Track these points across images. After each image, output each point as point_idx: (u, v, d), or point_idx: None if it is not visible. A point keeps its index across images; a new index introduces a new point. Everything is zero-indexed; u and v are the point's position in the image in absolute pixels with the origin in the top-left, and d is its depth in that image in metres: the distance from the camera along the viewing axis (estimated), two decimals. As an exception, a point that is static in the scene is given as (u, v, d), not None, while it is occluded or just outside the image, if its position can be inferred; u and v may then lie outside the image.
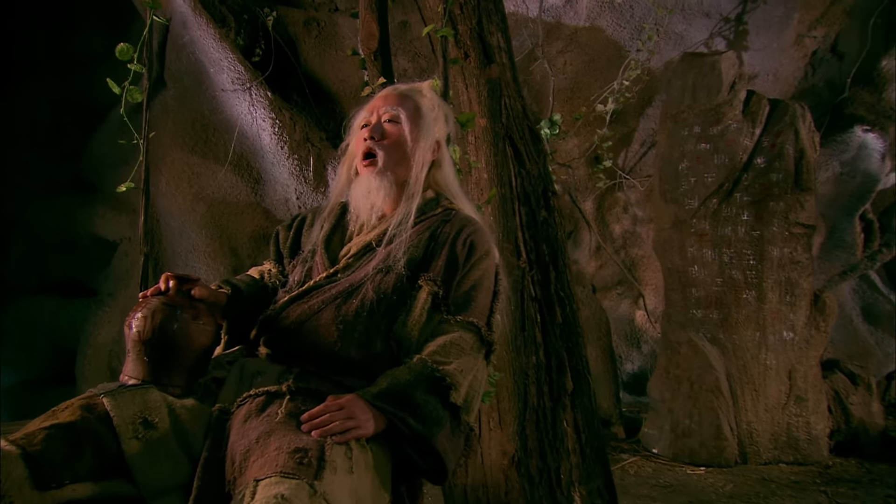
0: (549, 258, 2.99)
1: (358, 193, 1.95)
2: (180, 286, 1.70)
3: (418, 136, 1.98)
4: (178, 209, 4.37)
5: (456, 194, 2.09)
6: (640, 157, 5.32)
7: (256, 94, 4.32)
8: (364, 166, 1.95)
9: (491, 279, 1.90)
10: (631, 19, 4.87)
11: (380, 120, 1.99)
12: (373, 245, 1.88)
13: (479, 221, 1.97)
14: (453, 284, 1.79)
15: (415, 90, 2.11)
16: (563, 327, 2.93)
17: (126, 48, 2.58)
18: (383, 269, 1.79)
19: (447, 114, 2.13)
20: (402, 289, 1.75)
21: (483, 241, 1.90)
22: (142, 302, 1.65)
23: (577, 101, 5.19)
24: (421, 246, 1.85)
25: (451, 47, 2.94)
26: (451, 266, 1.81)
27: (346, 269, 1.86)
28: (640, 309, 5.35)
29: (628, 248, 5.42)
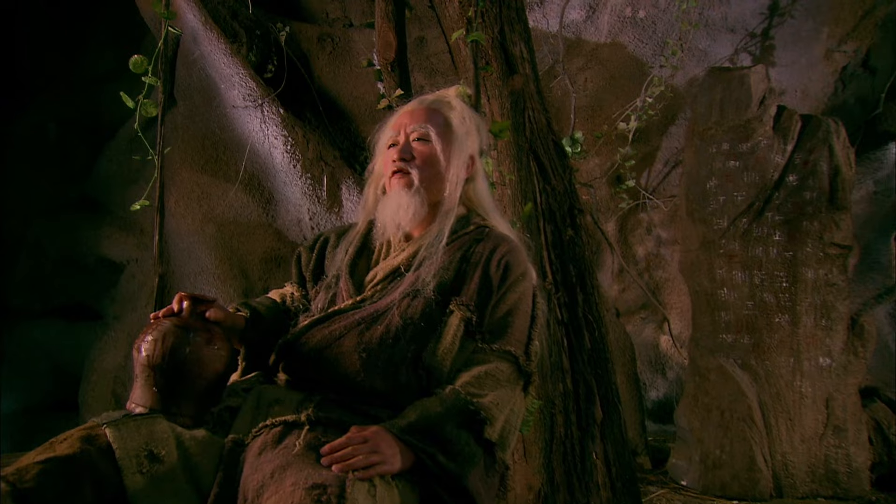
0: (577, 279, 2.88)
1: (386, 210, 1.85)
2: (194, 308, 1.61)
3: (451, 154, 1.88)
4: (187, 230, 4.29)
5: (489, 210, 1.98)
6: (664, 177, 5.22)
7: (268, 110, 4.25)
8: (395, 179, 1.84)
9: (528, 303, 1.79)
10: (653, 35, 4.80)
11: (408, 139, 1.89)
12: (401, 270, 1.79)
13: (514, 240, 1.87)
14: (488, 309, 1.70)
15: (442, 102, 2.01)
16: (591, 353, 2.82)
17: (140, 60, 2.52)
18: (411, 293, 1.70)
19: (479, 125, 2.04)
20: (432, 314, 1.66)
21: (519, 261, 1.80)
22: (152, 323, 1.56)
23: (597, 120, 5.12)
24: (452, 268, 1.75)
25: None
26: (485, 289, 1.72)
27: (372, 297, 1.76)
28: (664, 334, 5.22)
29: (652, 271, 5.31)
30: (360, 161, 4.50)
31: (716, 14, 4.66)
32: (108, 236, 4.59)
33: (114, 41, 4.99)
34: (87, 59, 5.17)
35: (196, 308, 1.61)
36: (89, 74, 5.08)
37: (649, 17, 4.73)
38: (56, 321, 4.78)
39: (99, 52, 5.05)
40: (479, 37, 2.51)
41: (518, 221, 2.64)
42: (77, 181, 4.97)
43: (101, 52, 5.01)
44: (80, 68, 5.16)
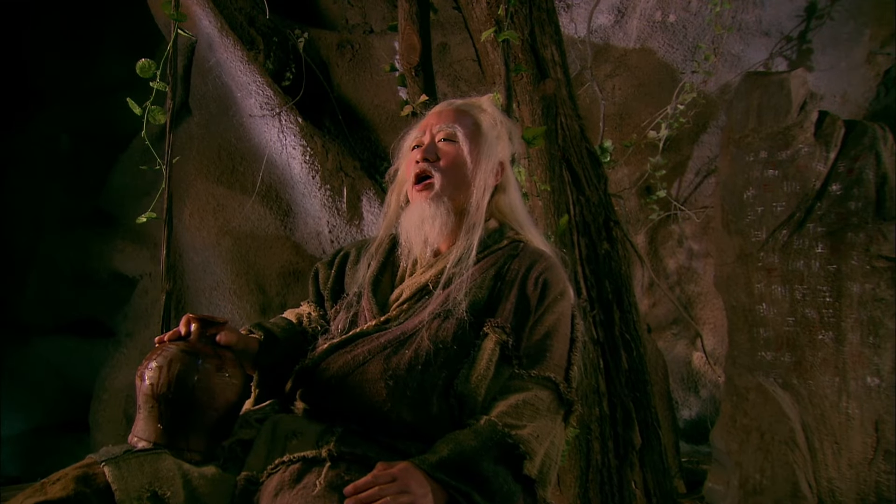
0: (613, 296, 2.75)
1: (409, 223, 1.74)
2: (203, 330, 1.49)
3: (479, 157, 1.75)
4: (202, 243, 4.20)
5: (523, 223, 1.85)
6: (696, 187, 5.08)
7: (286, 120, 4.17)
8: (417, 191, 1.72)
9: (567, 324, 1.67)
10: (684, 40, 4.67)
11: (434, 139, 1.77)
12: (429, 287, 1.67)
13: (551, 255, 1.74)
14: (525, 332, 1.58)
15: (473, 105, 1.88)
16: (629, 374, 2.68)
17: (147, 64, 2.42)
18: (441, 314, 1.58)
19: (511, 130, 1.91)
20: (465, 337, 1.54)
21: (558, 278, 1.68)
22: (157, 348, 1.44)
23: (626, 128, 5.00)
24: (485, 286, 1.64)
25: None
26: (522, 310, 1.60)
27: (398, 318, 1.64)
28: (697, 350, 5.06)
29: (684, 285, 5.15)
30: (381, 172, 4.41)
31: (749, 17, 4.52)
32: (120, 250, 4.51)
33: (128, 50, 4.91)
34: (101, 68, 5.11)
35: (205, 331, 1.50)
36: (103, 84, 5.01)
37: (680, 21, 4.59)
38: (67, 338, 4.70)
39: (112, 61, 4.99)
40: (511, 35, 2.38)
41: (552, 235, 2.49)
42: (90, 194, 4.90)
43: (114, 62, 4.94)
44: (93, 78, 5.10)
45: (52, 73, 5.27)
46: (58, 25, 5.27)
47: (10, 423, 4.57)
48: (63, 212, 4.97)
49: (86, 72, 5.15)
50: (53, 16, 5.25)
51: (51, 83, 5.27)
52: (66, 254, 4.70)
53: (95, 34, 5.24)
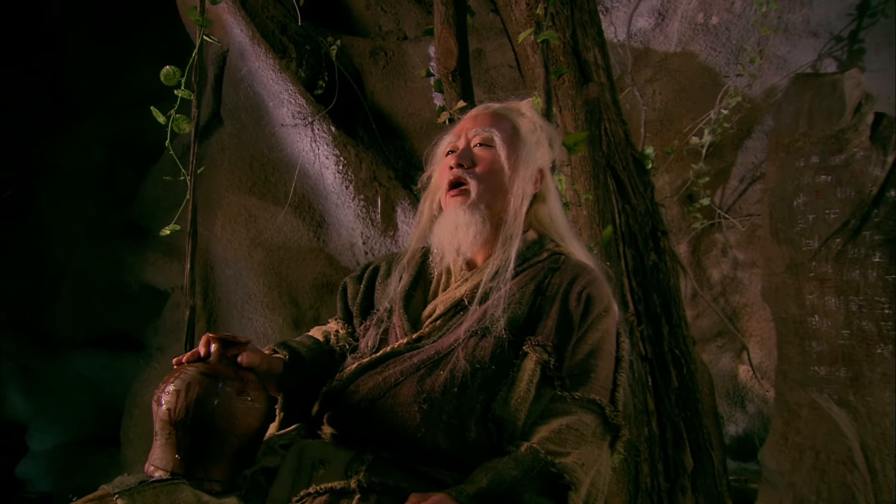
0: (661, 309, 2.61)
1: (442, 230, 1.64)
2: (224, 351, 1.40)
3: (517, 163, 1.65)
4: (234, 255, 4.14)
5: (564, 235, 1.74)
6: (740, 195, 4.91)
7: (319, 129, 4.10)
8: (451, 196, 1.62)
9: (612, 342, 1.56)
10: (727, 42, 4.53)
11: (469, 144, 1.68)
12: (464, 303, 1.58)
13: (594, 269, 1.63)
14: (567, 351, 1.47)
15: (511, 108, 1.77)
16: (678, 392, 2.54)
17: (172, 72, 2.34)
18: (478, 331, 1.48)
19: (551, 136, 1.79)
20: (503, 356, 1.44)
21: (602, 293, 1.57)
22: (175, 370, 1.35)
23: (667, 134, 4.85)
24: (525, 302, 1.53)
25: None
26: (564, 327, 1.49)
27: (431, 335, 1.55)
28: (743, 364, 4.88)
29: (728, 296, 4.98)
30: (416, 181, 4.24)
31: (796, 17, 4.36)
32: (151, 263, 4.47)
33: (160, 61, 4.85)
34: (133, 79, 5.10)
35: (226, 352, 1.41)
36: (135, 95, 4.99)
37: (723, 22, 4.45)
38: (99, 352, 4.67)
39: (145, 72, 4.95)
40: (550, 35, 2.25)
41: (595, 246, 2.36)
42: (122, 206, 4.87)
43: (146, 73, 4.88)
44: (125, 89, 5.10)
45: (85, 85, 5.27)
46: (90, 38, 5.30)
47: (42, 438, 4.58)
48: (95, 224, 4.96)
49: (118, 84, 5.17)
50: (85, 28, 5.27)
51: (83, 95, 5.27)
52: (97, 266, 4.67)
53: (128, 46, 5.25)
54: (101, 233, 4.87)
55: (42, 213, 5.05)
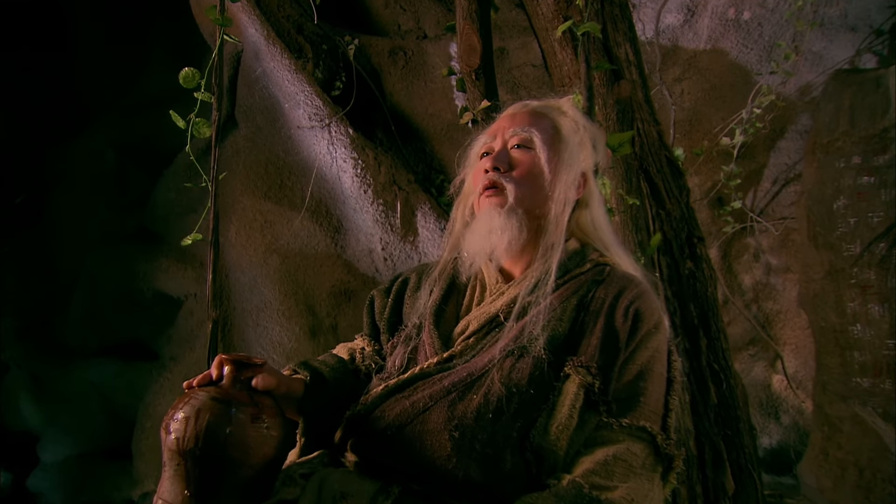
0: (699, 321, 2.47)
1: (474, 234, 1.54)
2: (238, 374, 1.31)
3: (558, 167, 1.54)
4: (249, 262, 4.04)
5: (608, 243, 1.62)
6: (773, 197, 4.77)
7: (336, 131, 4.00)
8: (486, 196, 1.51)
9: (663, 362, 1.44)
10: (759, 38, 4.39)
11: (506, 145, 1.57)
12: (499, 318, 1.47)
13: (643, 281, 1.51)
14: (614, 372, 1.35)
15: (551, 107, 1.65)
16: (718, 409, 2.40)
17: (191, 73, 2.24)
18: (515, 351, 1.37)
19: (595, 136, 1.66)
20: (542, 379, 1.33)
21: (651, 308, 1.44)
22: (184, 396, 1.26)
23: (696, 135, 4.72)
24: (566, 318, 1.42)
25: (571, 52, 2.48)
26: (610, 346, 1.37)
27: (463, 354, 1.44)
28: (777, 373, 4.73)
29: (761, 302, 4.83)
30: (437, 185, 4.22)
31: (833, 12, 4.21)
32: (164, 269, 4.37)
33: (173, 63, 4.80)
34: (145, 82, 5.04)
35: (240, 374, 1.32)
36: (147, 98, 4.92)
37: (755, 18, 4.31)
38: (111, 361, 4.58)
39: (157, 74, 4.90)
40: (592, 27, 2.12)
41: (641, 255, 2.23)
42: (135, 210, 4.80)
43: (159, 75, 4.85)
44: (137, 92, 5.04)
45: (97, 87, 5.21)
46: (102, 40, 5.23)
47: (53, 449, 4.50)
48: (107, 229, 4.88)
49: (130, 86, 5.12)
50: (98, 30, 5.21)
51: (95, 98, 5.21)
52: (110, 273, 4.59)
53: (140, 48, 5.18)
54: (113, 238, 4.80)
55: (53, 218, 4.98)
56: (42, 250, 4.92)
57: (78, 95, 5.20)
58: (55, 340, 4.72)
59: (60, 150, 5.05)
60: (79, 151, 5.02)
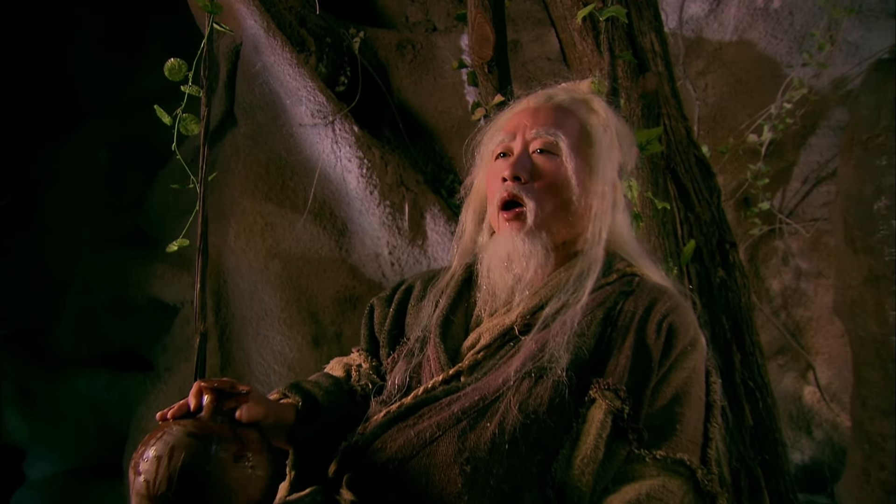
0: (732, 334, 2.31)
1: (494, 259, 1.40)
2: (219, 404, 1.18)
3: (589, 177, 1.41)
4: (249, 267, 3.93)
5: (635, 252, 1.48)
6: (803, 197, 4.61)
7: (341, 129, 3.91)
8: (506, 219, 1.37)
9: (701, 383, 1.28)
10: (790, 28, 4.24)
11: (527, 148, 1.42)
12: (514, 332, 1.32)
13: (675, 293, 1.36)
14: (645, 396, 1.20)
15: (577, 100, 1.48)
16: (754, 432, 2.23)
17: (177, 65, 2.10)
18: (533, 371, 1.22)
19: (623, 134, 1.50)
20: (564, 405, 1.18)
21: (686, 322, 1.29)
22: (157, 430, 1.14)
23: (721, 132, 4.58)
24: (591, 333, 1.26)
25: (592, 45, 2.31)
26: (641, 365, 1.23)
27: (473, 371, 1.30)
28: (809, 384, 4.57)
29: (790, 309, 4.66)
30: (447, 185, 4.13)
31: (872, -2, 4.06)
32: (159, 275, 4.26)
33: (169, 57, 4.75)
34: (140, 77, 4.95)
35: (222, 405, 1.19)
36: (142, 94, 4.82)
37: (786, 6, 4.18)
38: (103, 371, 4.46)
39: (153, 69, 4.76)
40: (617, 11, 1.95)
41: (673, 266, 2.06)
42: (129, 212, 4.69)
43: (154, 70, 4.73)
44: (132, 88, 4.95)
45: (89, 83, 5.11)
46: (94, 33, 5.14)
47: (40, 465, 4.39)
48: (101, 232, 4.79)
49: (125, 82, 5.04)
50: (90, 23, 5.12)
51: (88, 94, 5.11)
52: (103, 278, 4.48)
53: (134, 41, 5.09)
54: (106, 242, 4.69)
55: (43, 220, 4.88)
56: (31, 254, 4.82)
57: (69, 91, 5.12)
58: (44, 349, 4.62)
59: (50, 149, 4.96)
60: (70, 150, 4.93)
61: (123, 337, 4.52)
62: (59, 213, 4.85)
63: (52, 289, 4.71)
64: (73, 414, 4.46)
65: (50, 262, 4.80)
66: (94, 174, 4.91)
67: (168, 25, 4.88)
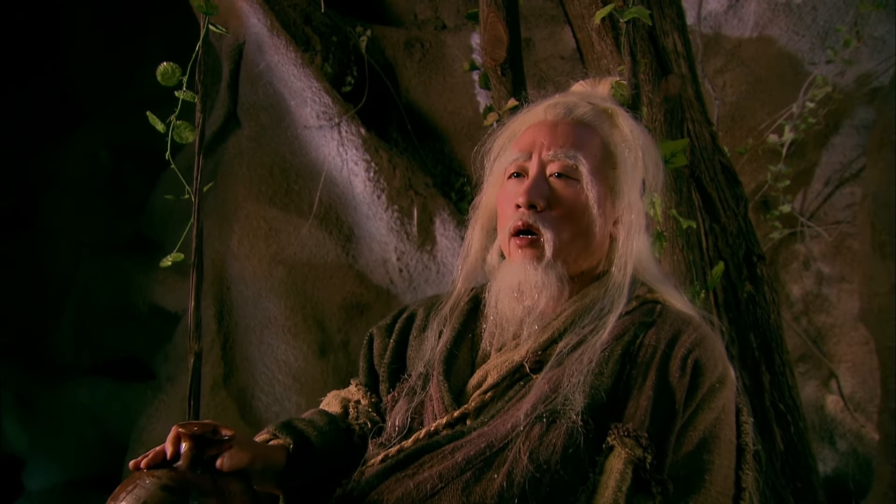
0: (760, 353, 2.19)
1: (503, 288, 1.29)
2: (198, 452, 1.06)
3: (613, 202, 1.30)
4: (253, 273, 3.88)
5: (656, 276, 1.35)
6: (825, 200, 4.51)
7: (347, 131, 3.86)
8: (518, 246, 1.25)
9: (731, 425, 1.17)
10: (813, 24, 4.15)
11: (543, 170, 1.28)
12: (524, 369, 1.21)
13: (701, 323, 1.24)
14: (670, 442, 1.09)
15: (599, 113, 1.35)
16: (785, 458, 2.12)
17: (170, 69, 2.01)
18: (545, 415, 1.12)
19: (647, 149, 1.37)
20: (580, 453, 1.08)
21: (714, 356, 1.18)
22: (129, 481, 1.04)
23: (739, 132, 4.50)
24: (608, 372, 1.15)
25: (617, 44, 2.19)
26: (664, 408, 1.12)
27: (480, 413, 1.19)
28: (832, 393, 4.46)
29: (812, 315, 4.55)
30: (457, 189, 4.06)
31: (901, -9, 3.96)
32: (161, 282, 4.21)
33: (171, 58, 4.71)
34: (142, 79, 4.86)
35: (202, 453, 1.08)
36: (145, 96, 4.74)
37: (809, 1, 4.09)
38: (104, 380, 4.42)
39: (155, 71, 4.76)
40: (639, 12, 1.83)
41: (700, 289, 1.93)
42: (131, 216, 4.66)
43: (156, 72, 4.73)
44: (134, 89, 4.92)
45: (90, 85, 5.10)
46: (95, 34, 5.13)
47: (40, 476, 4.36)
48: (102, 237, 4.77)
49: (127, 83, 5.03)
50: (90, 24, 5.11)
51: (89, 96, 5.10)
52: (104, 285, 4.45)
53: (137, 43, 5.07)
54: (107, 247, 4.66)
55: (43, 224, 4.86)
56: (31, 259, 4.80)
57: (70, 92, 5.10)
58: (44, 357, 4.60)
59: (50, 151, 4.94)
60: (71, 152, 4.91)
61: (125, 344, 4.49)
62: (59, 216, 4.82)
63: (52, 295, 4.69)
64: (73, 424, 4.43)
65: (49, 267, 4.79)
66: (95, 177, 4.89)
67: (169, 26, 4.84)
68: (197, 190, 2.03)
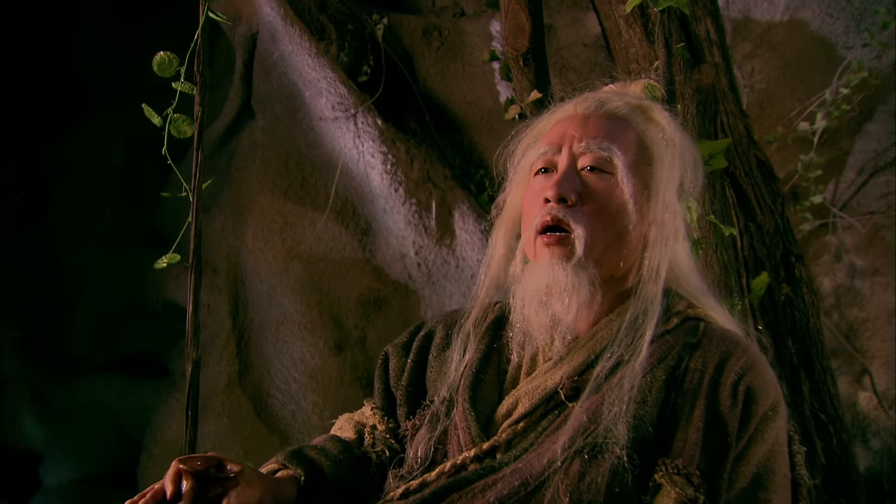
0: (799, 359, 2.09)
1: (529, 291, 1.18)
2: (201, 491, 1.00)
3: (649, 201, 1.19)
4: (268, 269, 3.85)
5: (696, 289, 1.24)
6: (858, 189, 4.39)
7: (363, 122, 3.80)
8: (545, 244, 1.14)
9: (785, 458, 1.07)
10: (848, 6, 4.08)
11: (574, 163, 1.18)
12: (559, 396, 1.10)
13: (749, 343, 1.14)
14: (723, 480, 1.00)
15: (633, 108, 1.25)
16: (827, 471, 2.01)
17: (167, 59, 1.95)
18: (585, 449, 1.03)
19: (686, 148, 1.26)
20: (625, 493, 0.99)
21: (766, 381, 1.08)
22: None
23: (768, 120, 4.40)
24: (653, 400, 1.06)
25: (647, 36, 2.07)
26: (716, 441, 1.02)
27: (511, 446, 1.08)
28: (865, 390, 4.35)
29: (844, 309, 4.44)
30: (476, 181, 3.99)
31: (942, -31, 3.84)
32: (175, 277, 4.16)
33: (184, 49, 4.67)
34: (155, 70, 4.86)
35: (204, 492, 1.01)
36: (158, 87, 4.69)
37: None
38: (118, 376, 4.42)
39: (152, 60, 4.77)
40: (678, 2, 1.69)
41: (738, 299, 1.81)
42: (145, 210, 4.62)
43: None
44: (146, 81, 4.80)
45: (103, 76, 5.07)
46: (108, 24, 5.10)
47: (56, 471, 4.36)
48: (115, 231, 4.74)
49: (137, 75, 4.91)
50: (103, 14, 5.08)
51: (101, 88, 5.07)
52: (118, 280, 4.43)
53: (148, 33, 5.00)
54: (121, 241, 4.63)
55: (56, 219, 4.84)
56: (44, 254, 4.78)
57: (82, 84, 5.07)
58: (58, 353, 4.59)
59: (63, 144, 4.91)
60: (83, 145, 4.89)
61: (139, 340, 4.48)
62: (72, 210, 4.81)
63: (65, 290, 4.68)
64: (88, 420, 4.43)
65: (62, 262, 4.77)
66: (108, 170, 4.87)
67: (180, 16, 4.78)
68: (195, 188, 1.94)
